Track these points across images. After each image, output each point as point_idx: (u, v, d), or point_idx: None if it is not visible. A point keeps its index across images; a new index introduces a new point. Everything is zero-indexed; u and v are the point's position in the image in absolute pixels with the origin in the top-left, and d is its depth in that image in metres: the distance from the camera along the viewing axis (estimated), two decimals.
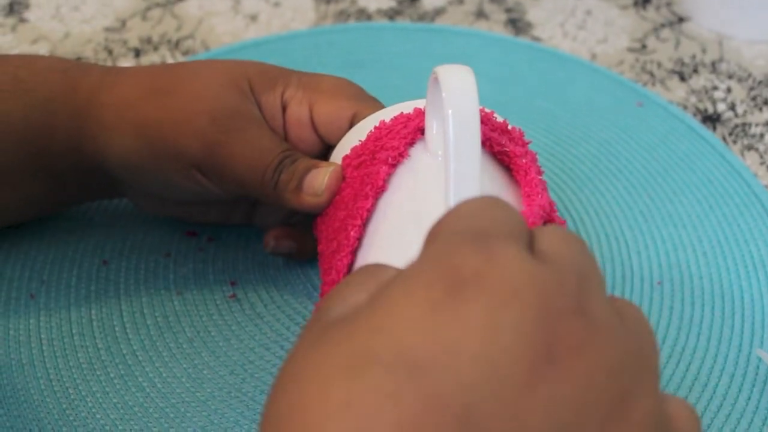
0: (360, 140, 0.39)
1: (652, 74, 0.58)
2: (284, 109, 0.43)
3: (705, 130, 0.54)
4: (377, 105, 0.42)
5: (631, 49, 0.60)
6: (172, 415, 0.41)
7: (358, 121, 0.41)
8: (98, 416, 0.41)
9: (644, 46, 0.60)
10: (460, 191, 0.33)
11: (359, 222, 0.36)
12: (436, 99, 0.35)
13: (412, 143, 0.38)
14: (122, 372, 0.42)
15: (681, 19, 0.62)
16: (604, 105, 0.56)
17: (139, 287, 0.46)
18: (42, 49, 0.60)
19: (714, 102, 0.56)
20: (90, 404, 0.41)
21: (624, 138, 0.54)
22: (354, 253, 0.36)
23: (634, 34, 0.61)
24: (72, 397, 0.41)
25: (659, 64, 0.59)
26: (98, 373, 0.42)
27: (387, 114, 0.39)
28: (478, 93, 0.34)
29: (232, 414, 0.41)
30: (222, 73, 0.43)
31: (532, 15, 0.63)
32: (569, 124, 0.55)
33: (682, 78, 0.58)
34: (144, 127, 0.41)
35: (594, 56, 0.60)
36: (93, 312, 0.45)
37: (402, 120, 0.38)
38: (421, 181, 0.36)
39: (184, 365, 0.43)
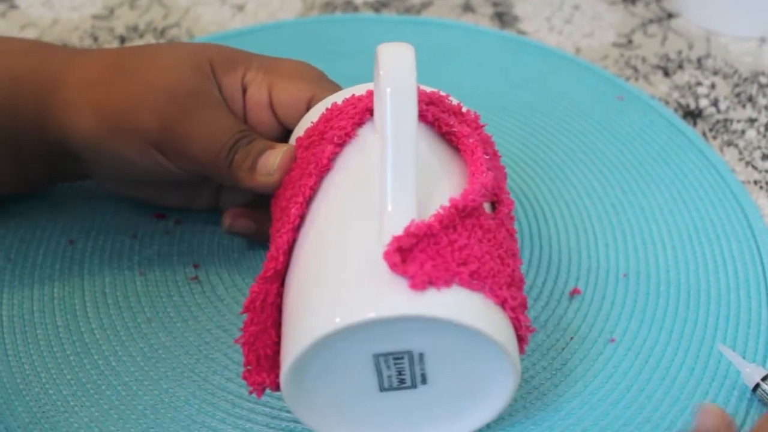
0: (312, 122, 0.39)
1: (636, 69, 0.57)
2: (244, 91, 0.43)
3: (684, 125, 0.53)
4: (335, 88, 0.42)
5: (616, 44, 0.60)
6: (123, 393, 0.41)
7: (316, 104, 0.41)
8: (51, 392, 0.41)
9: (630, 42, 0.60)
10: (397, 167, 0.33)
11: (301, 199, 0.36)
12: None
13: (360, 123, 0.37)
14: (78, 349, 0.42)
15: (670, 15, 0.62)
16: (583, 98, 0.55)
17: (103, 267, 0.46)
18: (29, 35, 0.61)
19: (697, 98, 0.55)
20: (44, 380, 0.41)
21: (601, 131, 0.53)
22: (296, 230, 0.36)
23: (621, 30, 0.61)
24: (27, 372, 0.41)
25: (644, 59, 0.58)
26: (55, 349, 0.42)
27: (340, 96, 0.39)
28: (416, 70, 0.34)
29: (182, 393, 0.41)
30: (183, 54, 0.43)
31: (519, 9, 0.63)
32: (547, 116, 0.54)
33: (666, 73, 0.57)
34: (104, 105, 0.41)
35: (578, 50, 0.59)
36: (55, 290, 0.45)
37: (353, 101, 0.38)
38: (366, 160, 0.36)
39: (140, 344, 0.43)
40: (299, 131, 0.40)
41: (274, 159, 0.39)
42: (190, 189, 0.47)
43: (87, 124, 0.42)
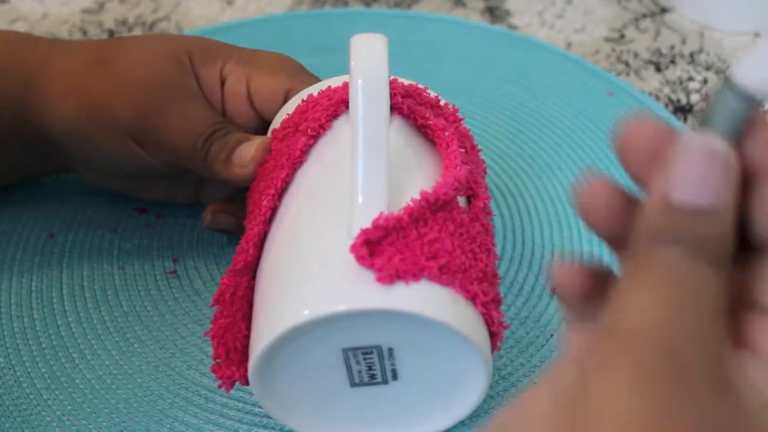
0: (288, 114, 0.39)
1: (627, 64, 0.57)
2: (223, 83, 0.42)
3: (674, 120, 0.52)
4: (314, 80, 0.42)
5: (608, 39, 0.59)
6: (97, 387, 0.40)
7: (293, 97, 0.40)
8: (24, 385, 0.40)
9: (623, 36, 0.59)
10: (368, 159, 0.33)
11: (272, 192, 0.35)
12: None
13: (335, 115, 0.37)
14: (54, 343, 0.42)
15: (663, 10, 0.61)
16: (572, 93, 0.54)
17: (83, 261, 0.46)
18: (19, 29, 0.61)
19: (688, 93, 0.54)
20: (18, 373, 0.41)
21: (589, 126, 0.52)
22: (267, 223, 0.35)
23: (614, 24, 0.60)
24: (1, 365, 0.41)
25: (636, 54, 0.57)
26: (30, 342, 0.42)
27: (317, 88, 0.39)
28: (387, 61, 0.33)
29: (156, 387, 0.40)
30: (162, 45, 0.42)
31: (511, 3, 0.62)
32: (535, 111, 0.53)
33: (658, 68, 0.56)
34: (83, 96, 0.41)
35: (569, 45, 0.59)
36: (33, 283, 0.45)
37: (328, 93, 0.38)
38: (339, 152, 0.36)
39: (116, 338, 0.42)
40: (276, 123, 0.40)
41: (248, 151, 0.39)
42: (171, 182, 0.46)
43: (67, 115, 0.41)
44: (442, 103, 0.39)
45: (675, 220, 0.22)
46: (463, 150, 0.36)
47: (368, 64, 0.33)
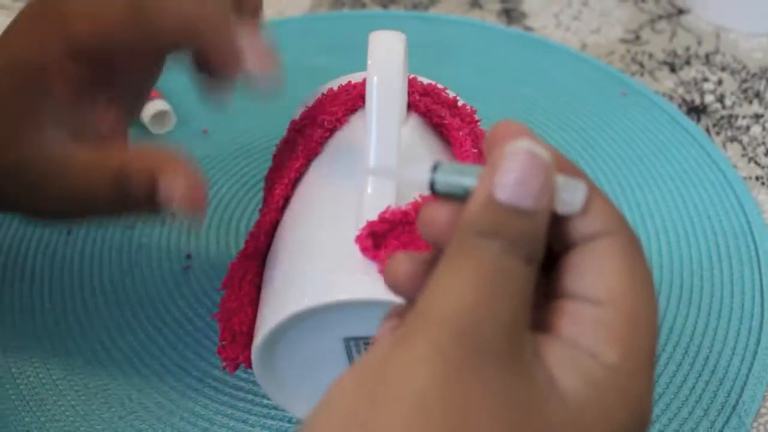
0: (307, 106, 0.40)
1: (641, 65, 0.57)
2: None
3: (687, 121, 0.52)
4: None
5: (623, 40, 0.59)
6: (109, 377, 0.41)
7: None
8: (41, 375, 0.41)
9: (638, 37, 0.59)
10: (379, 153, 0.33)
11: (286, 181, 0.36)
12: None
13: (353, 110, 0.38)
14: (75, 335, 0.43)
15: (680, 11, 0.61)
16: (586, 94, 0.55)
17: (99, 255, 0.47)
18: None
19: (702, 93, 0.55)
20: (36, 365, 0.42)
21: (602, 126, 0.53)
22: (280, 211, 0.36)
23: (629, 26, 0.60)
24: (18, 360, 0.42)
25: (650, 55, 0.58)
26: (51, 335, 0.43)
27: (337, 83, 0.40)
28: (405, 60, 0.34)
29: (168, 379, 0.41)
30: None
31: (528, 5, 0.62)
32: (548, 111, 0.54)
33: (672, 69, 0.56)
34: None
35: (584, 46, 0.59)
36: (53, 278, 0.46)
37: (347, 88, 0.39)
38: (354, 147, 0.36)
39: (130, 331, 0.43)
40: (295, 115, 0.41)
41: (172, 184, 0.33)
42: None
43: None
44: (460, 103, 0.39)
45: (497, 216, 0.23)
46: (476, 150, 0.37)
47: (385, 61, 0.34)
